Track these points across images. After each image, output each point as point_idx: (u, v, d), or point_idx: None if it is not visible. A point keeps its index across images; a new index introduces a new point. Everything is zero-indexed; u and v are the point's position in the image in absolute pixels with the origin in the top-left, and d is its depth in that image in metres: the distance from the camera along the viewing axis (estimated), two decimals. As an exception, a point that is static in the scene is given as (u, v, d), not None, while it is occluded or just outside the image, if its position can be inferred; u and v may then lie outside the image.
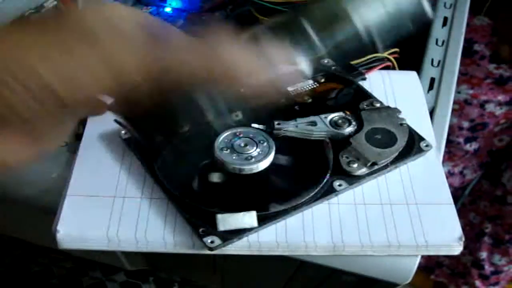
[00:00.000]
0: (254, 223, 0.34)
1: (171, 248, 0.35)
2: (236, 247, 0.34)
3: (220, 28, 0.27)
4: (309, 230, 0.36)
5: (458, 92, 0.82)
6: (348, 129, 0.38)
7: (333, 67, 0.44)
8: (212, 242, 0.33)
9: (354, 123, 0.39)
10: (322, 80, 0.43)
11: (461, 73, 0.82)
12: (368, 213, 0.36)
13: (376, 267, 0.36)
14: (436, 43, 0.48)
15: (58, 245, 0.35)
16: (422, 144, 0.38)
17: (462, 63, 0.82)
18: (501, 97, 0.78)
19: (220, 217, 0.34)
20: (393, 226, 0.36)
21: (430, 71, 0.46)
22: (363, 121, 0.39)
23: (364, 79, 0.44)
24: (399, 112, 0.39)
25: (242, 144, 0.38)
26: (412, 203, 0.37)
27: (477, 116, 0.83)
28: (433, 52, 0.48)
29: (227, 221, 0.34)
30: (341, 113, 0.39)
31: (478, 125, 0.84)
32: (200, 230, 0.34)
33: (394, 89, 0.44)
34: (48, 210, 0.38)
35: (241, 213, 0.34)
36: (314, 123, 0.39)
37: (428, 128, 0.41)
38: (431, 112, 0.43)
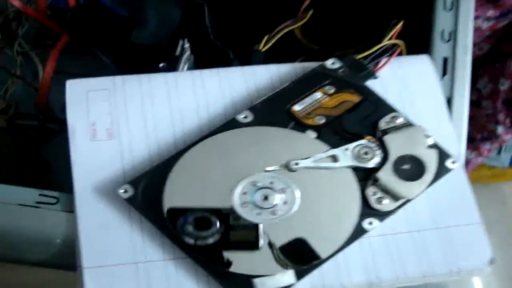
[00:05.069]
0: (292, 280, 0.33)
1: None
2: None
3: None
4: (343, 272, 0.35)
5: None
6: (373, 161, 0.35)
7: (340, 70, 0.39)
8: None
9: (378, 152, 0.35)
10: (332, 91, 0.38)
11: None
12: (399, 244, 0.36)
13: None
14: (444, 7, 0.42)
15: None
16: (449, 162, 0.36)
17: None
18: (490, 13, 0.74)
19: (258, 281, 0.33)
20: (425, 255, 0.35)
21: (441, 49, 0.41)
22: (387, 149, 0.35)
23: (375, 78, 0.39)
24: (424, 130, 0.36)
25: (263, 197, 0.34)
26: (441, 227, 0.36)
27: None
28: (442, 20, 0.42)
29: (265, 284, 0.33)
30: (362, 142, 0.36)
31: None
32: None
33: (407, 83, 0.40)
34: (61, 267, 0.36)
35: (279, 274, 0.33)
36: (335, 158, 0.35)
37: (448, 130, 0.39)
38: (448, 102, 0.40)
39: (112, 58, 0.51)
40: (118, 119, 0.38)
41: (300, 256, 0.34)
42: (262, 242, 0.34)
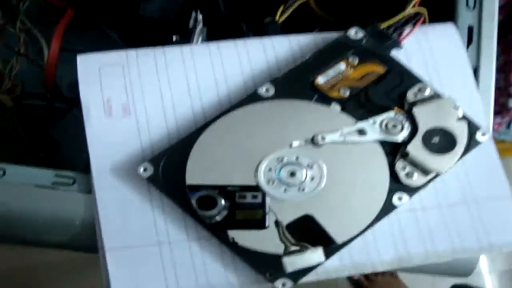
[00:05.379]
0: (322, 258, 0.32)
1: None
2: (304, 279, 0.33)
3: None
4: (373, 248, 0.34)
5: None
6: (402, 134, 0.34)
7: (364, 40, 0.37)
8: (284, 285, 0.32)
9: (407, 124, 0.34)
10: (356, 62, 0.36)
11: None
12: (429, 219, 0.35)
13: (438, 266, 0.36)
14: (468, -27, 0.41)
15: None
16: (478, 134, 0.35)
17: None
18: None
19: (287, 260, 0.32)
20: (456, 230, 0.35)
21: (466, 17, 0.40)
22: (416, 122, 0.34)
23: (400, 48, 0.37)
24: (453, 102, 0.35)
25: (289, 174, 0.33)
26: (471, 201, 0.35)
27: None
28: (466, -13, 0.40)
29: (295, 262, 0.32)
30: (390, 114, 0.34)
31: None
32: (267, 274, 0.32)
33: (432, 53, 0.38)
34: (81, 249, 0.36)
35: (308, 252, 0.32)
36: (363, 132, 0.34)
37: (475, 101, 0.37)
38: (474, 72, 0.38)
39: (119, 34, 0.49)
40: (134, 95, 0.37)
41: (327, 234, 0.33)
42: (268, 220, 0.33)
